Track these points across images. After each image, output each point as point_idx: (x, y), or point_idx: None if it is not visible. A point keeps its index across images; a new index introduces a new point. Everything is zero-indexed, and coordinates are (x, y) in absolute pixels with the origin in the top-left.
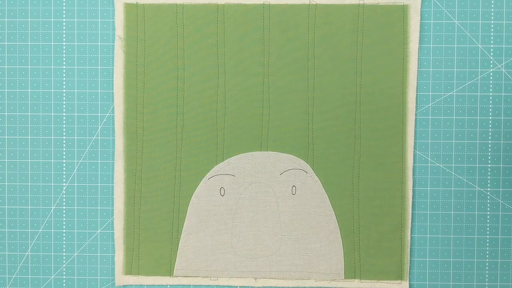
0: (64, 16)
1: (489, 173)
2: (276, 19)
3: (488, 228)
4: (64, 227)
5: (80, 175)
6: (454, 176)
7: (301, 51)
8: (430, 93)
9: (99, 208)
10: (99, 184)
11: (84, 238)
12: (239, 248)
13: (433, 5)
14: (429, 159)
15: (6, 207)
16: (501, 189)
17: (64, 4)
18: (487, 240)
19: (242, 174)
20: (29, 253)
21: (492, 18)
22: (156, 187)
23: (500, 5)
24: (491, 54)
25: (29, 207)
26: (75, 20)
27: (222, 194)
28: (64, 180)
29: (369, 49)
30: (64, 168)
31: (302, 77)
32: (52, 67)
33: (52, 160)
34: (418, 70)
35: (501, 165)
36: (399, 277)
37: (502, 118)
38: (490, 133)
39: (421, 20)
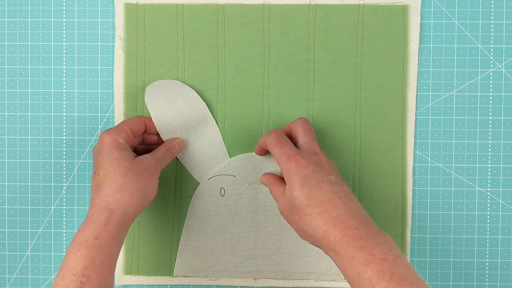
0: (64, 16)
1: (489, 173)
2: (277, 20)
3: (488, 228)
4: (64, 227)
5: (80, 175)
6: (454, 176)
7: (301, 51)
8: (430, 93)
9: None
10: None
11: None
12: (239, 248)
13: (433, 5)
14: (429, 159)
15: (6, 207)
16: (501, 189)
17: (64, 4)
18: (487, 240)
19: (242, 174)
20: (29, 253)
21: (492, 18)
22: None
23: (500, 5)
24: (491, 54)
25: (29, 207)
26: (75, 20)
27: (222, 195)
28: (64, 180)
29: (369, 50)
30: (64, 168)
31: (302, 78)
32: (52, 67)
33: (52, 160)
34: (418, 70)
35: (501, 165)
36: None
37: (502, 118)
38: (490, 133)
39: (421, 20)
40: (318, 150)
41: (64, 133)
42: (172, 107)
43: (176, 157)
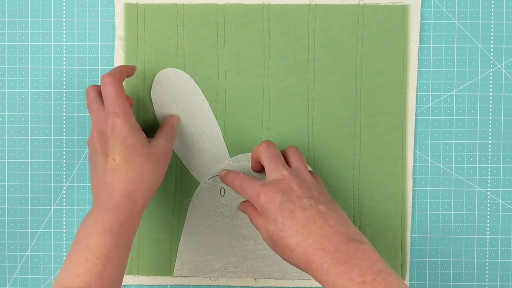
0: (64, 16)
1: (489, 173)
2: (277, 20)
3: (488, 228)
4: (64, 227)
5: (80, 175)
6: (454, 176)
7: (301, 51)
8: (430, 93)
9: None
10: None
11: None
12: (239, 248)
13: (433, 5)
14: (429, 159)
15: (6, 207)
16: (501, 189)
17: (64, 4)
18: (487, 240)
19: None
20: (29, 253)
21: (492, 18)
22: None
23: (500, 5)
24: (491, 54)
25: (29, 207)
26: (75, 20)
27: (222, 194)
28: (64, 180)
29: (369, 49)
30: (64, 168)
31: (302, 78)
32: (52, 67)
33: (52, 160)
34: (418, 70)
35: (501, 165)
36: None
37: (502, 118)
38: (490, 133)
39: (421, 20)
40: (285, 174)
41: (64, 133)
42: (175, 103)
43: (177, 156)
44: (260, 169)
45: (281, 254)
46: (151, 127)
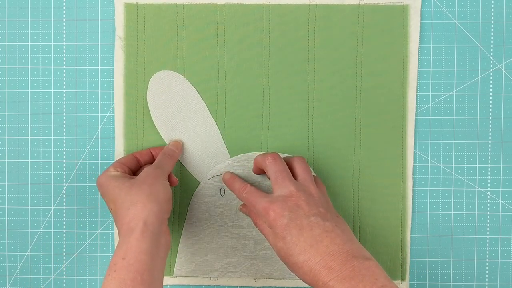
0: (64, 16)
1: (489, 173)
2: (277, 20)
3: (488, 228)
4: (64, 227)
5: (80, 175)
6: (454, 176)
7: (301, 51)
8: (430, 93)
9: (99, 208)
10: None
11: (84, 238)
12: (239, 248)
13: (433, 5)
14: (429, 159)
15: (6, 207)
16: (501, 189)
17: (64, 4)
18: (487, 240)
19: (242, 174)
20: (29, 253)
21: (492, 18)
22: None
23: (500, 5)
24: (491, 54)
25: (29, 207)
26: (75, 20)
27: (222, 195)
28: (64, 180)
29: (369, 49)
30: (64, 168)
31: (302, 78)
32: (52, 67)
33: (52, 160)
34: (418, 70)
35: (501, 165)
36: (399, 277)
37: (502, 118)
38: (490, 133)
39: (421, 20)
40: (292, 190)
41: (64, 133)
42: (171, 104)
43: None
44: (262, 172)
45: (288, 267)
46: (151, 127)
